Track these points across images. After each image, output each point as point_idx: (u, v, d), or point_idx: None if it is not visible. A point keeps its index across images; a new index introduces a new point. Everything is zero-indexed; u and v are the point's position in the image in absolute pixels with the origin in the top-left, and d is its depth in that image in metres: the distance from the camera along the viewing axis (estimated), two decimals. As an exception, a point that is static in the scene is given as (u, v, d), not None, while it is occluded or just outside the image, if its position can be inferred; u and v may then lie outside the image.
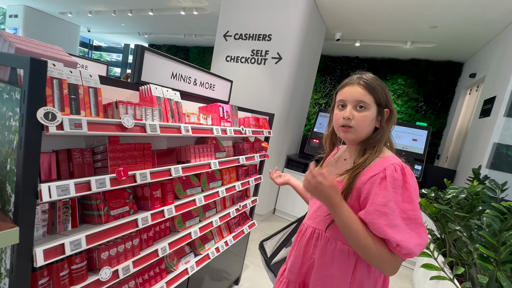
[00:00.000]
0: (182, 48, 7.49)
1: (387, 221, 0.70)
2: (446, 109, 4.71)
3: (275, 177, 1.29)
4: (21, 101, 0.67)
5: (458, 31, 3.50)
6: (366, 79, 0.83)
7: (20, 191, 0.70)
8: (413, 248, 0.69)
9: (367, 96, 0.81)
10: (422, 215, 0.73)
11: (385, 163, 0.76)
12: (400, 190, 0.73)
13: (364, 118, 0.81)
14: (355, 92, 0.82)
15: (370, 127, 0.83)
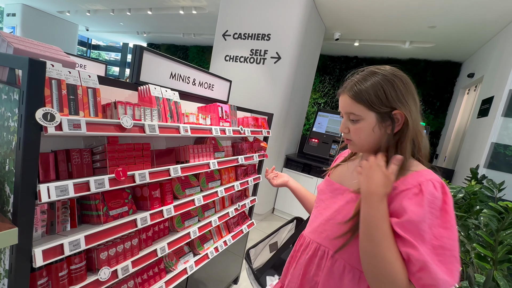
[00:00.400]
0: (181, 48, 7.48)
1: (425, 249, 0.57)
2: (444, 109, 4.73)
3: (271, 177, 1.14)
4: (20, 102, 0.67)
5: (457, 31, 3.51)
6: (353, 85, 0.69)
7: (19, 192, 0.70)
8: (439, 282, 0.54)
9: (355, 106, 0.69)
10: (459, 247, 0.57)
11: (420, 177, 0.62)
12: (437, 212, 0.58)
13: (358, 131, 0.70)
14: (344, 103, 0.72)
15: (372, 137, 0.69)
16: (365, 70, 0.71)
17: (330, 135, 4.02)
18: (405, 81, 0.68)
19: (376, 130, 0.68)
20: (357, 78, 0.70)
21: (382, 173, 0.63)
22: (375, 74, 0.68)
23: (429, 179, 0.62)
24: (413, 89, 0.69)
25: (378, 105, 0.67)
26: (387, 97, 0.66)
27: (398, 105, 0.66)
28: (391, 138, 0.67)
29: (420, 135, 0.69)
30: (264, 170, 1.32)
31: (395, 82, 0.67)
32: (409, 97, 0.67)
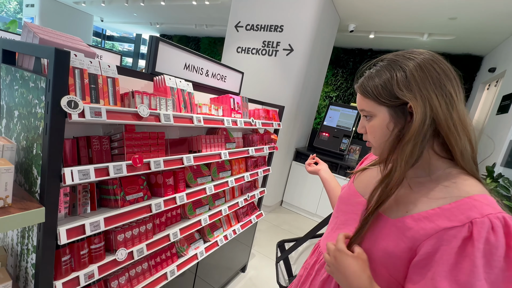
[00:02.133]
0: (193, 39, 7.49)
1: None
2: (462, 104, 4.57)
3: (308, 163, 1.09)
4: (46, 90, 0.71)
5: (479, 23, 3.36)
6: (365, 77, 0.60)
7: (46, 174, 0.75)
8: None
9: (364, 101, 0.60)
10: None
11: (471, 210, 0.46)
12: (498, 265, 0.43)
13: (372, 129, 0.60)
14: (358, 100, 0.62)
15: (387, 137, 0.57)
16: (384, 60, 0.58)
17: (341, 129, 3.98)
18: (427, 67, 0.53)
19: (391, 128, 0.56)
20: (372, 70, 0.59)
21: (351, 260, 0.54)
22: (392, 63, 0.56)
23: (486, 214, 0.45)
24: (440, 73, 0.53)
25: (386, 97, 0.55)
26: (393, 86, 0.54)
27: (407, 95, 0.52)
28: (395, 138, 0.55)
29: (451, 134, 0.51)
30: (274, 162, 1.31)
31: (409, 69, 0.53)
32: (430, 86, 0.52)
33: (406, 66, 0.54)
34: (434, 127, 0.52)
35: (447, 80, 0.53)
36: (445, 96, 0.52)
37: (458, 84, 0.55)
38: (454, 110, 0.52)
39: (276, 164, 3.45)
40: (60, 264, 0.86)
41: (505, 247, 0.43)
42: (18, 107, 0.85)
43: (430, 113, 0.51)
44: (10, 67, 0.90)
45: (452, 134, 0.52)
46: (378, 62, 0.59)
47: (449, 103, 0.52)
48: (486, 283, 0.43)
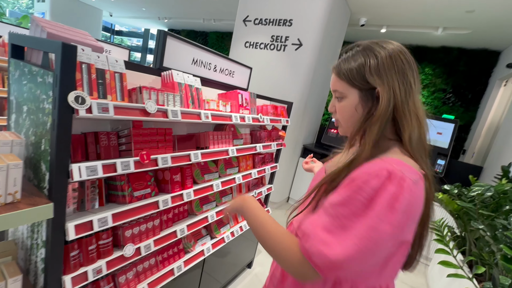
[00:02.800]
0: (200, 33, 7.46)
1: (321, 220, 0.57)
2: (476, 101, 4.42)
3: (304, 161, 1.17)
4: (54, 85, 0.70)
5: (498, 16, 3.21)
6: (341, 60, 0.65)
7: (54, 170, 0.74)
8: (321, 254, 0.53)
9: (338, 82, 0.65)
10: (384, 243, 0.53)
11: (383, 165, 0.55)
12: (363, 200, 0.54)
13: (342, 109, 0.66)
14: (331, 80, 0.69)
15: (355, 118, 0.64)
16: (359, 46, 0.64)
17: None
18: (396, 57, 0.60)
19: (359, 110, 0.63)
20: (347, 54, 0.65)
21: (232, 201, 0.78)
22: (366, 49, 0.62)
23: (380, 167, 0.54)
24: (405, 67, 0.60)
25: (359, 80, 0.61)
26: (365, 71, 0.60)
27: (377, 81, 0.59)
28: (362, 119, 0.62)
29: (406, 120, 0.59)
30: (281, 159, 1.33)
31: (380, 56, 0.59)
32: (394, 74, 0.59)
33: (378, 53, 0.60)
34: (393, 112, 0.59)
35: (409, 71, 0.60)
36: (406, 85, 0.59)
37: (418, 76, 0.62)
38: (411, 98, 0.60)
39: (283, 160, 3.42)
40: (69, 259, 0.87)
41: (375, 191, 0.53)
42: (26, 102, 0.84)
43: (393, 99, 0.59)
44: (19, 62, 0.90)
45: (406, 119, 0.59)
46: (355, 47, 0.65)
47: (408, 91, 0.60)
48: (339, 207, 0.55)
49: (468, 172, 3.36)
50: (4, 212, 0.66)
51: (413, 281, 2.71)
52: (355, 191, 0.55)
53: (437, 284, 2.44)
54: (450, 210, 2.29)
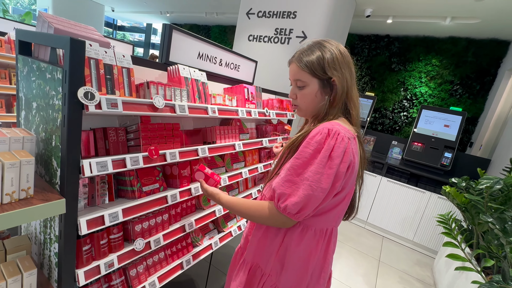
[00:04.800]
0: (203, 27, 7.39)
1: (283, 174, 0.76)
2: (485, 93, 4.33)
3: (275, 146, 1.40)
4: (63, 81, 0.70)
5: (508, 4, 3.12)
6: (300, 54, 0.80)
7: (65, 166, 0.75)
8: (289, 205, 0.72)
9: (300, 72, 0.79)
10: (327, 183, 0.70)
11: (325, 125, 0.73)
12: (310, 150, 0.72)
13: (303, 96, 0.81)
14: (292, 71, 0.82)
15: (315, 102, 0.81)
16: (312, 42, 0.81)
17: (355, 120, 3.87)
18: (343, 53, 0.79)
19: (319, 96, 0.80)
20: (304, 49, 0.80)
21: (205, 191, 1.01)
22: (318, 45, 0.79)
23: (323, 127, 0.73)
24: (350, 61, 0.80)
25: (320, 71, 0.77)
26: (325, 64, 0.76)
27: (333, 72, 0.76)
28: (326, 103, 0.79)
29: (353, 102, 0.80)
30: None
31: (333, 53, 0.77)
32: (345, 67, 0.78)
33: (332, 50, 0.78)
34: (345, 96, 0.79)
35: (351, 64, 0.81)
36: (351, 75, 0.80)
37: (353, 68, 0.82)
38: (354, 85, 0.80)
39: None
40: (82, 253, 0.88)
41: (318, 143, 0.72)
42: (36, 98, 0.85)
43: (345, 86, 0.77)
44: (27, 58, 0.90)
45: (353, 101, 0.80)
46: (308, 43, 0.82)
47: (353, 79, 0.80)
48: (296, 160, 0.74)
49: (476, 165, 3.33)
50: (18, 207, 0.67)
51: (419, 274, 2.72)
52: (305, 146, 0.73)
53: (443, 277, 2.44)
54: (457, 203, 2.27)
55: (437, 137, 3.34)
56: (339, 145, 0.70)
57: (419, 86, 4.79)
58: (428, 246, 3.11)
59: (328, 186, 0.71)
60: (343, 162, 0.71)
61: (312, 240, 0.83)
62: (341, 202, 0.81)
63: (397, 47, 4.93)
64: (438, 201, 3.02)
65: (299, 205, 0.71)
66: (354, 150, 0.74)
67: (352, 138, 0.74)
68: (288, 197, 0.73)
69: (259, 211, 0.81)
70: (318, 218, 0.81)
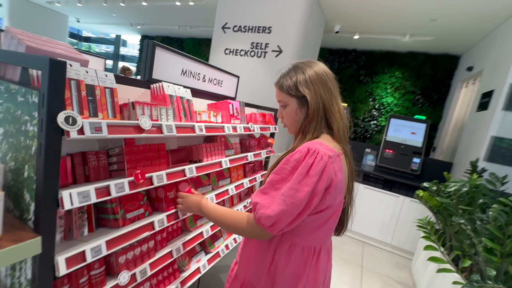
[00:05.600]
0: (176, 40, 7.31)
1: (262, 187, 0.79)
2: (442, 102, 4.77)
3: None
4: (40, 105, 0.63)
5: (457, 24, 3.51)
6: (279, 77, 0.87)
7: (41, 200, 0.66)
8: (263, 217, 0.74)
9: (280, 94, 0.86)
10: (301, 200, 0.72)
11: (306, 145, 0.76)
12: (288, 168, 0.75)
13: (286, 115, 0.87)
14: (276, 93, 0.89)
15: (297, 120, 0.85)
16: (291, 65, 0.87)
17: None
18: (318, 72, 0.82)
19: (298, 113, 0.84)
20: (283, 72, 0.87)
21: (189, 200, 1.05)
22: (294, 68, 0.84)
23: (304, 146, 0.76)
24: (326, 78, 0.82)
25: (294, 90, 0.82)
26: (297, 83, 0.81)
27: (305, 90, 0.80)
28: (303, 120, 0.83)
29: (334, 116, 0.82)
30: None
31: (305, 71, 0.81)
32: (319, 85, 0.81)
33: (306, 71, 0.82)
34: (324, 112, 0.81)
35: (329, 81, 0.83)
36: (328, 91, 0.82)
37: (336, 84, 0.84)
38: (334, 100, 0.82)
39: (268, 166, 3.42)
40: (58, 296, 0.78)
41: (296, 161, 0.74)
42: (3, 124, 0.75)
43: (321, 101, 0.80)
44: (-9, 78, 0.80)
45: (334, 115, 0.82)
46: (289, 66, 0.87)
47: (330, 95, 0.82)
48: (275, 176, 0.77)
49: (441, 168, 3.60)
50: (-16, 253, 0.57)
51: (399, 276, 2.82)
52: (284, 163, 0.76)
53: (421, 278, 2.56)
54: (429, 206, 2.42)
55: (406, 144, 3.58)
56: (318, 163, 0.72)
57: (385, 96, 5.14)
58: (405, 248, 3.26)
59: (303, 203, 0.72)
60: (321, 180, 0.72)
61: (300, 258, 0.83)
62: (328, 220, 0.82)
63: (364, 61, 5.28)
64: (411, 204, 3.20)
65: (272, 219, 0.73)
66: (336, 167, 0.76)
67: (335, 156, 0.76)
68: (261, 208, 0.75)
69: (238, 221, 0.83)
70: (306, 236, 0.82)
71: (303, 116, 0.83)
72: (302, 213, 0.74)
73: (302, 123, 0.83)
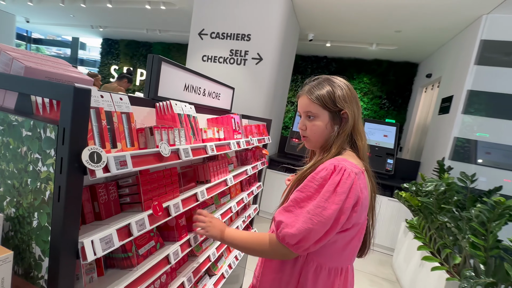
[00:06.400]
0: (143, 44, 6.93)
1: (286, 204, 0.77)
2: (405, 105, 5.20)
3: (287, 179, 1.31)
4: (59, 141, 0.52)
5: (418, 35, 3.87)
6: (311, 88, 0.85)
7: (60, 253, 0.55)
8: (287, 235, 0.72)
9: (312, 105, 0.83)
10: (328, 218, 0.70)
11: (332, 162, 0.75)
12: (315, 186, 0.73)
13: (314, 128, 0.83)
14: (303, 103, 0.86)
15: (325, 134, 0.83)
16: (320, 78, 0.87)
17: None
18: (351, 89, 0.84)
19: (328, 127, 0.83)
20: (314, 83, 0.85)
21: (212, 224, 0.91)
22: (328, 81, 0.84)
23: (329, 163, 0.75)
24: (356, 96, 0.85)
25: (330, 104, 0.81)
26: (336, 98, 0.81)
27: (344, 105, 0.81)
28: (334, 135, 0.82)
29: (359, 134, 0.83)
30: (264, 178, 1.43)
31: (342, 88, 0.83)
32: (353, 101, 0.83)
33: (342, 86, 0.83)
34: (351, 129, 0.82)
35: (358, 99, 0.85)
36: (358, 109, 0.84)
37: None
38: (360, 119, 0.85)
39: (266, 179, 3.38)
40: None
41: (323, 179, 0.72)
42: (-3, 161, 0.61)
43: (354, 119, 0.82)
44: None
45: (360, 133, 0.83)
46: (318, 78, 0.86)
47: (359, 113, 0.84)
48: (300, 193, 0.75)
49: (410, 167, 3.91)
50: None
51: (383, 273, 2.97)
52: (310, 181, 0.74)
53: (404, 273, 2.72)
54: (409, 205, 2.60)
55: (380, 146, 3.82)
56: (345, 180, 0.71)
57: (355, 101, 5.45)
58: (385, 245, 3.46)
59: (330, 221, 0.70)
60: (348, 198, 0.71)
61: (327, 280, 0.81)
62: (353, 238, 0.81)
63: (334, 67, 5.54)
64: (389, 203, 3.42)
65: (297, 237, 0.71)
66: (362, 185, 0.75)
67: (360, 173, 0.75)
68: (286, 226, 0.73)
69: (261, 243, 0.80)
70: (332, 256, 0.80)
71: (335, 132, 0.82)
72: (329, 232, 0.72)
73: (331, 138, 0.82)
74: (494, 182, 2.95)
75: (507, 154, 3.03)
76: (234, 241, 0.87)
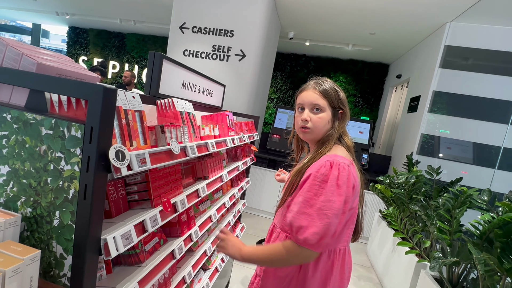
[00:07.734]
0: (116, 35, 6.55)
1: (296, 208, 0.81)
2: (377, 103, 5.54)
3: (276, 174, 1.41)
4: (86, 140, 0.53)
5: (390, 38, 4.14)
6: (321, 85, 0.93)
7: (84, 250, 0.56)
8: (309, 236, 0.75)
9: (321, 99, 0.90)
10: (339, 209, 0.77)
11: (326, 159, 0.83)
12: (318, 183, 0.79)
13: (320, 120, 0.90)
14: (311, 97, 0.92)
15: (326, 128, 0.91)
16: (325, 78, 0.97)
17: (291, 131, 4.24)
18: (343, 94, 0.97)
19: (330, 122, 0.92)
20: (322, 82, 0.94)
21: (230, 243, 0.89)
22: (333, 83, 0.96)
23: (331, 160, 0.82)
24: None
25: (335, 103, 0.92)
26: (340, 99, 0.93)
27: (342, 106, 0.93)
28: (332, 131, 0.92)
29: (345, 131, 0.96)
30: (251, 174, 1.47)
31: (342, 91, 0.95)
32: (347, 103, 0.96)
33: (340, 89, 0.95)
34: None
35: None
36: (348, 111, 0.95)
37: None
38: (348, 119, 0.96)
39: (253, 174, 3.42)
40: None
41: (326, 175, 0.80)
42: (8, 161, 0.59)
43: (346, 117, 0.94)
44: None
45: (346, 132, 0.96)
46: (326, 79, 0.96)
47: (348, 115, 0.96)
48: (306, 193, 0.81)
49: (382, 161, 4.21)
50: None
51: (359, 260, 3.20)
52: (312, 179, 0.81)
53: (377, 259, 2.96)
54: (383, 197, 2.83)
55: (355, 142, 4.05)
56: (342, 173, 0.80)
57: (332, 98, 5.69)
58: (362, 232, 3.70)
59: (340, 212, 0.78)
60: (348, 187, 0.80)
61: (327, 261, 0.89)
62: (349, 221, 0.89)
63: (313, 65, 5.72)
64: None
65: (319, 235, 0.76)
66: (355, 173, 0.86)
67: (350, 164, 0.85)
68: (306, 228, 0.77)
69: (278, 253, 0.82)
70: None
71: (335, 127, 0.92)
72: (341, 221, 0.79)
73: (330, 133, 0.90)
74: (454, 174, 3.31)
75: (465, 149, 3.40)
76: (253, 256, 0.86)
